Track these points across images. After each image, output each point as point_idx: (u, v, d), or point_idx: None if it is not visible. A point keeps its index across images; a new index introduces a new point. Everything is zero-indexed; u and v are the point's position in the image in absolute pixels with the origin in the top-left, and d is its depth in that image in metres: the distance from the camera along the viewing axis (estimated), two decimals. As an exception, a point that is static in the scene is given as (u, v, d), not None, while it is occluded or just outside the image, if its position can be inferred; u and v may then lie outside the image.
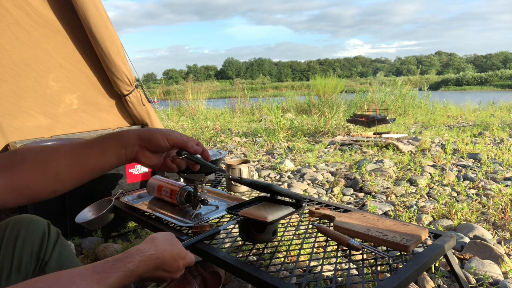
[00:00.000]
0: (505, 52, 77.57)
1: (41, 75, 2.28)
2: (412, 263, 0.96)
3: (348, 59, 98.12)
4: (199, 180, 1.35)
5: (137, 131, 0.80)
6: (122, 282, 0.65)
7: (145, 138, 0.79)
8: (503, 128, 5.13)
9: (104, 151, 0.77)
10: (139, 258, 0.70)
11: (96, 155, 0.76)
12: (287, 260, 1.38)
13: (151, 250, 0.73)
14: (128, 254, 0.70)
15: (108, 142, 0.78)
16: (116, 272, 0.65)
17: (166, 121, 3.48)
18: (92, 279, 0.61)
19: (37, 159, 0.73)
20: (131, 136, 0.79)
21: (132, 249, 0.72)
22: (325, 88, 7.83)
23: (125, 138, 0.79)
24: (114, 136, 0.79)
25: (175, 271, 0.78)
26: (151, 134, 0.80)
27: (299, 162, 3.53)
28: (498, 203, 2.19)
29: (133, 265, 0.68)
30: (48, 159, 0.74)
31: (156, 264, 0.73)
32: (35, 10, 2.15)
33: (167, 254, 0.75)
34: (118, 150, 0.78)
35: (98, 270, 0.63)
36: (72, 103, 2.45)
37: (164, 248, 0.76)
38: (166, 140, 0.80)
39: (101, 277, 0.62)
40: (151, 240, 0.76)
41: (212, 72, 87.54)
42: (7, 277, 0.83)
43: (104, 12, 2.21)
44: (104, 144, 0.77)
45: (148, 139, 0.79)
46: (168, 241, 0.78)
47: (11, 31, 2.11)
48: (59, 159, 0.74)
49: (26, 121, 2.27)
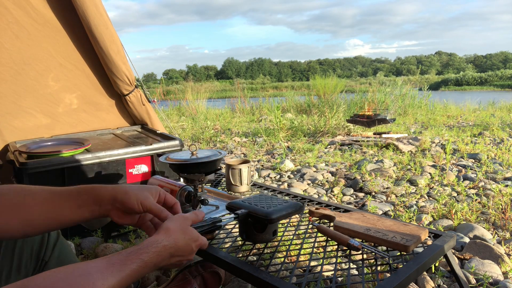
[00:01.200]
0: (505, 52, 77.55)
1: (41, 74, 2.28)
2: (412, 263, 0.96)
3: (348, 59, 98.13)
4: (199, 180, 1.35)
5: (113, 191, 0.82)
6: (137, 274, 0.66)
7: (119, 201, 0.81)
8: (503, 128, 5.13)
9: (79, 205, 0.80)
10: (153, 249, 0.71)
11: (70, 209, 0.79)
12: (287, 260, 1.38)
13: (165, 241, 0.73)
14: (143, 246, 0.71)
15: (83, 197, 0.80)
16: (130, 264, 0.66)
17: (166, 121, 3.48)
18: (107, 271, 0.62)
19: (13, 202, 0.75)
20: (106, 196, 0.81)
21: (146, 241, 0.73)
22: (325, 88, 7.83)
23: (100, 197, 0.81)
24: (90, 191, 0.81)
25: (189, 254, 0.79)
26: (125, 197, 0.81)
27: (299, 162, 3.53)
28: (498, 203, 2.19)
29: (147, 256, 0.69)
30: (24, 204, 0.76)
31: (170, 253, 0.74)
32: (35, 9, 2.15)
33: (181, 242, 0.76)
34: (92, 207, 0.80)
35: (113, 262, 0.64)
36: (72, 103, 2.45)
37: (177, 237, 0.76)
38: (140, 206, 0.82)
39: (116, 269, 0.63)
40: (165, 231, 0.76)
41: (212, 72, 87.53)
42: (7, 277, 0.83)
43: (104, 12, 2.21)
44: (80, 198, 0.80)
45: (121, 202, 0.81)
46: (180, 229, 0.79)
47: (11, 30, 2.11)
48: (34, 206, 0.76)
49: (26, 120, 2.27)
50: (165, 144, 2.06)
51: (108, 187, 0.82)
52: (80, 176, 1.84)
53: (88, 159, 1.84)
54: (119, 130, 2.57)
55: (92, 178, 1.87)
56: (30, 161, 1.73)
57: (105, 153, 1.89)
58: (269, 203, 1.12)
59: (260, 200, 1.15)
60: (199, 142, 4.91)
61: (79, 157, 1.82)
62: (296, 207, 1.12)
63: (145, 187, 0.87)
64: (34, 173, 1.72)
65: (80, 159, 1.82)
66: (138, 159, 2.00)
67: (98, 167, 1.88)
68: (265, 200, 1.14)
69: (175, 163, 1.36)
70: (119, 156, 1.92)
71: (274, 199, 1.15)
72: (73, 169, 1.81)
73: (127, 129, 2.61)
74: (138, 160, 2.00)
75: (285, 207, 1.10)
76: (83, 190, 0.81)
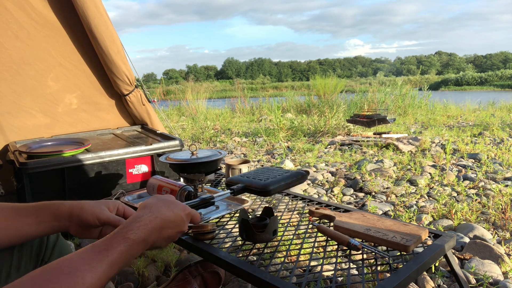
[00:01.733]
0: (505, 52, 77.50)
1: (40, 74, 2.28)
2: (412, 263, 0.96)
3: (348, 59, 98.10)
4: (199, 180, 1.35)
5: (70, 207, 0.82)
6: (127, 255, 0.64)
7: (76, 216, 0.82)
8: (503, 128, 5.13)
9: (39, 222, 0.80)
10: (136, 225, 0.68)
11: (30, 225, 0.80)
12: (287, 260, 1.38)
13: (147, 214, 0.72)
14: (125, 224, 0.69)
15: (42, 214, 0.81)
16: (116, 247, 0.63)
17: (166, 121, 3.48)
18: (94, 260, 0.60)
19: None
20: (63, 212, 0.82)
21: (128, 219, 0.71)
22: (325, 88, 7.83)
23: (58, 213, 0.82)
24: (48, 208, 0.82)
25: (181, 224, 0.77)
26: (81, 212, 0.82)
27: (299, 162, 3.53)
28: (498, 203, 2.19)
29: (133, 233, 0.67)
30: None
31: (158, 224, 0.71)
32: (35, 10, 2.15)
33: (167, 212, 0.75)
34: (51, 223, 0.81)
35: (99, 249, 0.63)
36: (71, 103, 2.45)
37: (160, 208, 0.75)
38: (96, 220, 0.82)
39: (103, 256, 0.61)
40: (143, 206, 0.75)
41: (212, 72, 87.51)
42: (6, 277, 0.83)
43: (104, 12, 2.21)
44: (39, 215, 0.81)
45: (78, 217, 0.82)
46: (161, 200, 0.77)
47: (11, 30, 2.11)
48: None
49: (26, 120, 2.27)
50: (165, 144, 2.06)
51: (66, 203, 0.83)
52: (80, 176, 1.84)
53: (88, 159, 1.84)
54: (119, 130, 2.57)
55: (92, 178, 1.87)
56: (30, 161, 1.73)
57: (105, 153, 1.89)
58: (268, 175, 1.06)
59: (260, 172, 1.10)
60: (199, 142, 4.91)
61: (79, 157, 1.82)
62: (297, 175, 1.06)
63: (103, 201, 0.87)
64: (34, 173, 1.72)
65: (80, 159, 1.82)
66: (138, 159, 2.00)
67: (98, 167, 1.88)
68: (265, 173, 1.09)
69: (175, 163, 1.36)
70: (119, 156, 1.92)
71: (275, 171, 1.09)
72: (73, 169, 1.81)
73: (127, 129, 2.61)
74: (138, 160, 2.00)
75: (285, 177, 1.04)
76: (42, 207, 0.82)
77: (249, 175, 1.09)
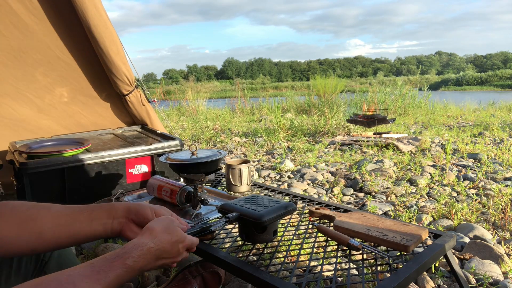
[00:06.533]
0: (505, 52, 77.43)
1: (38, 63, 2.31)
2: (412, 263, 0.96)
3: (348, 59, 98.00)
4: (199, 180, 1.35)
5: (127, 204, 0.84)
6: (122, 279, 0.66)
7: (134, 211, 0.82)
8: (503, 128, 5.13)
9: (92, 219, 0.80)
10: (138, 253, 0.69)
11: (83, 222, 0.79)
12: (287, 260, 1.38)
13: (150, 243, 0.72)
14: (127, 250, 0.69)
15: (97, 211, 0.81)
16: (115, 270, 0.65)
17: (166, 121, 3.48)
18: (92, 279, 0.61)
19: (27, 214, 0.75)
20: (120, 208, 0.82)
21: (130, 244, 0.71)
22: (325, 88, 7.83)
23: (114, 210, 0.82)
24: (104, 206, 0.82)
25: (176, 255, 0.78)
26: (140, 206, 0.83)
27: (299, 162, 3.53)
28: (498, 203, 2.19)
29: (132, 261, 0.68)
30: (38, 216, 0.76)
31: (155, 255, 0.72)
32: (33, 3, 2.15)
33: (166, 244, 0.75)
34: (105, 220, 0.81)
35: (98, 269, 0.64)
36: (71, 103, 2.45)
37: (162, 238, 0.75)
38: (155, 214, 0.83)
39: (101, 276, 0.63)
40: (149, 232, 0.75)
41: (212, 72, 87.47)
42: (6, 278, 0.83)
43: (104, 12, 2.20)
44: (93, 212, 0.81)
45: (136, 211, 0.82)
46: (166, 230, 0.77)
47: (9, 19, 2.11)
48: (47, 217, 0.77)
49: (24, 103, 2.31)
50: (165, 144, 2.06)
51: (122, 202, 0.85)
52: (80, 176, 1.84)
53: (88, 159, 1.84)
54: (119, 130, 2.57)
55: (92, 178, 1.87)
56: (30, 161, 1.73)
57: (105, 153, 1.89)
58: (261, 205, 1.11)
59: (252, 201, 1.14)
60: (199, 142, 4.91)
61: (79, 157, 1.82)
62: (287, 207, 1.11)
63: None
64: (34, 173, 1.72)
65: (80, 159, 1.82)
66: (138, 159, 2.00)
67: (98, 167, 1.88)
68: (256, 201, 1.13)
69: (175, 163, 1.36)
70: (119, 156, 1.92)
71: (266, 200, 1.14)
72: (73, 169, 1.81)
73: (127, 129, 2.61)
74: (138, 160, 2.00)
75: (276, 209, 1.09)
76: (98, 205, 0.83)
77: (241, 203, 1.13)
